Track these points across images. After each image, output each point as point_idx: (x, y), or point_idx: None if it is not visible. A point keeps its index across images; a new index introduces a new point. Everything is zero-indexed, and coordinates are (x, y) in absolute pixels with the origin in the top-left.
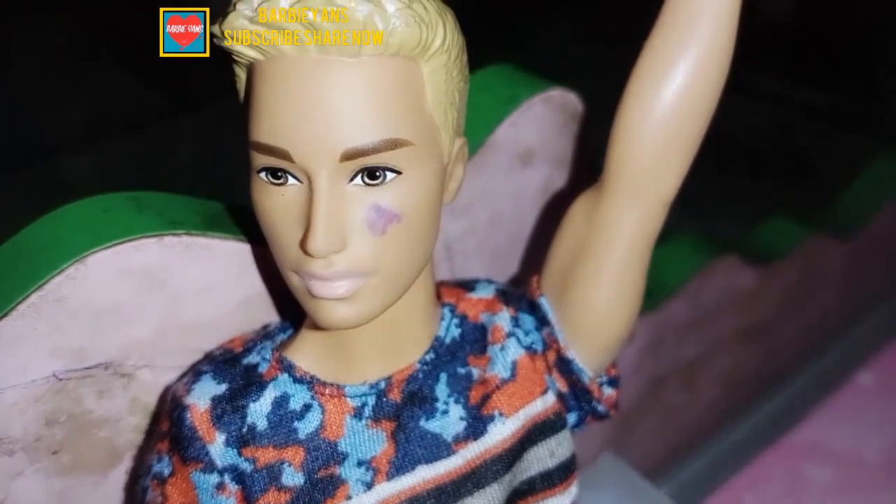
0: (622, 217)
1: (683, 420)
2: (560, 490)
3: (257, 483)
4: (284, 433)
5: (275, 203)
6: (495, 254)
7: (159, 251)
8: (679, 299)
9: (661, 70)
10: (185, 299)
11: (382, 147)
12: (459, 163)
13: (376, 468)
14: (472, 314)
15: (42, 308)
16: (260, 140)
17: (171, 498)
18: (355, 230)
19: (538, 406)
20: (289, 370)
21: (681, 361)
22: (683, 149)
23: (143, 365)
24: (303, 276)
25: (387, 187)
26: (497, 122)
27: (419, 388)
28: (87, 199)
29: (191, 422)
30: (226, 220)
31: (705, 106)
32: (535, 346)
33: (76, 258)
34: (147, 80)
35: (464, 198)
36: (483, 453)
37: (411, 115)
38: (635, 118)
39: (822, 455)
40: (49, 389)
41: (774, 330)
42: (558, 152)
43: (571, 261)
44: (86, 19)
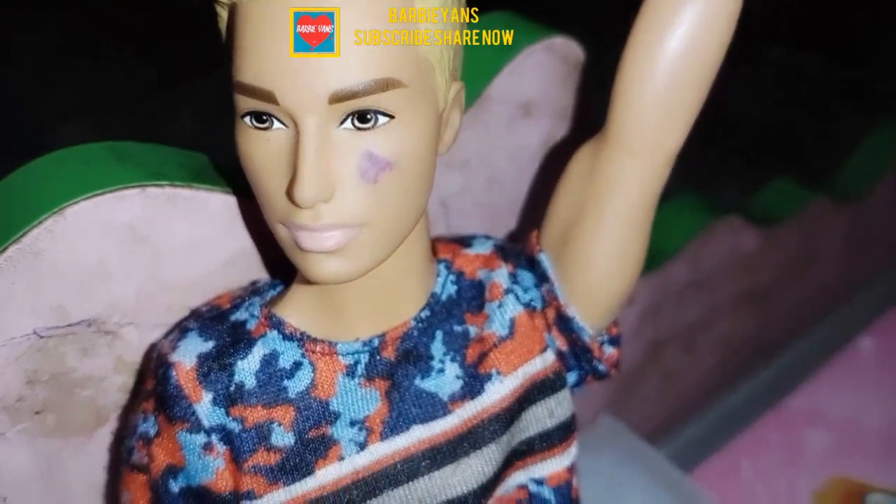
0: (624, 171)
1: (683, 384)
2: (559, 451)
3: (246, 443)
4: (274, 392)
5: (260, 149)
6: (493, 211)
7: (142, 203)
8: (680, 261)
9: (666, 20)
10: (170, 255)
11: (374, 88)
12: (456, 109)
13: (370, 428)
14: (469, 270)
15: (19, 262)
16: (243, 81)
17: (157, 458)
18: (345, 179)
19: (537, 364)
20: (278, 327)
21: (681, 325)
22: (687, 103)
23: (128, 322)
24: (290, 228)
25: (378, 132)
26: (495, 71)
27: (414, 346)
28: (66, 150)
29: (176, 380)
30: (211, 172)
31: (710, 59)
32: (535, 304)
33: (54, 210)
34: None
35: (461, 152)
36: (480, 413)
37: (405, 54)
38: (638, 70)
39: (821, 420)
40: (30, 347)
41: (775, 294)
42: (560, 104)
43: (572, 216)
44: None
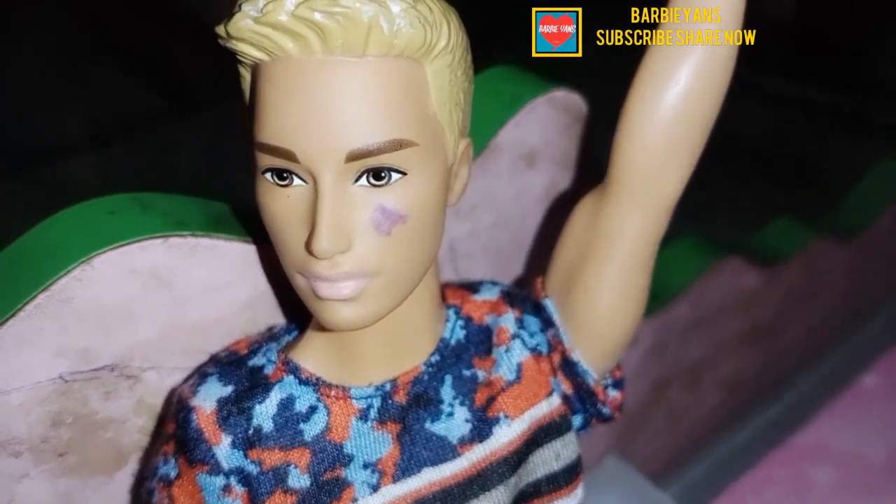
0: (625, 221)
1: (688, 422)
2: (566, 493)
3: (263, 485)
4: (290, 435)
5: (280, 204)
6: (499, 255)
7: (165, 252)
8: (683, 301)
9: (665, 73)
10: (191, 300)
11: (387, 147)
12: (464, 163)
13: (382, 470)
14: (477, 316)
15: (48, 309)
16: (265, 141)
17: (178, 500)
18: (360, 231)
19: (543, 408)
20: (294, 372)
21: (685, 364)
22: (686, 153)
23: (149, 367)
24: (308, 278)
25: (392, 188)
26: (501, 123)
27: (424, 390)
28: (92, 201)
29: (197, 423)
30: (231, 220)
31: (709, 110)
32: (541, 348)
33: (82, 259)
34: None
35: (468, 199)
36: (489, 455)
37: (416, 115)
38: (638, 122)
39: (827, 457)
40: (55, 391)
41: (778, 332)
42: (562, 153)
43: (575, 263)
44: (86, 23)
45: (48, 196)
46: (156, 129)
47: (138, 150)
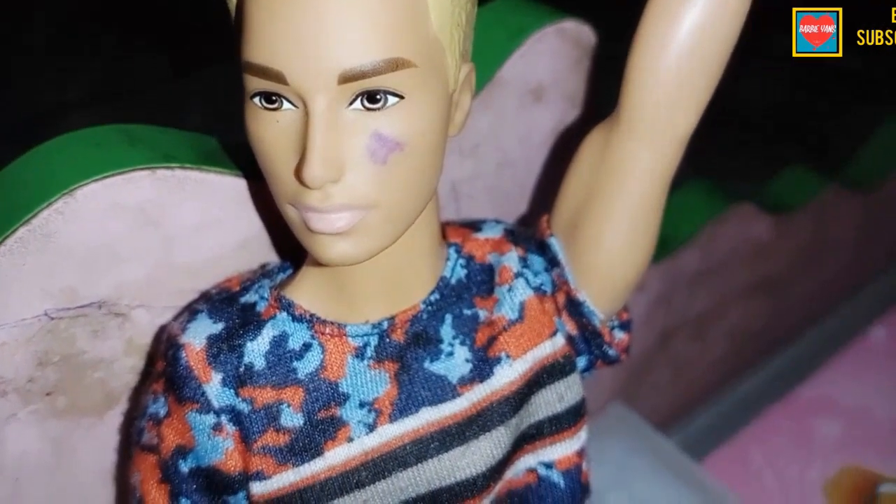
0: (636, 154)
1: (693, 373)
2: (569, 434)
3: (255, 424)
4: (283, 373)
5: (269, 130)
6: (504, 195)
7: (152, 185)
8: (691, 249)
9: (677, 5)
10: (181, 237)
11: (383, 68)
12: (466, 91)
13: (379, 410)
14: (479, 254)
15: (29, 243)
16: (252, 61)
17: (167, 439)
18: (354, 159)
19: (547, 348)
20: (288, 308)
21: (692, 313)
22: (700, 85)
23: (138, 305)
24: (300, 210)
25: (388, 112)
26: (506, 55)
27: (423, 329)
28: (77, 132)
29: (186, 361)
30: (222, 155)
31: (721, 45)
32: (545, 288)
33: (65, 191)
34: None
35: (471, 137)
36: (489, 395)
37: (414, 34)
38: (649, 55)
39: (833, 410)
40: (40, 329)
41: (787, 284)
42: (571, 89)
43: (583, 199)
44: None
45: None
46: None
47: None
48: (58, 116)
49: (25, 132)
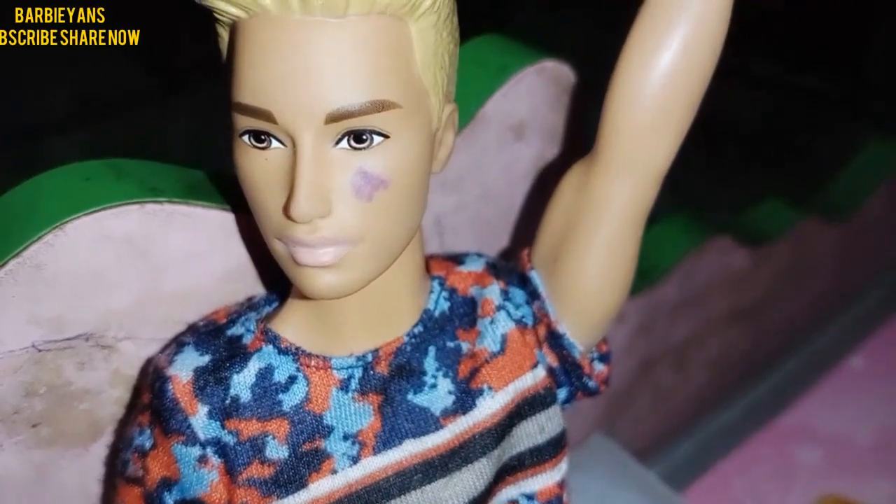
0: (613, 190)
1: (674, 402)
2: (550, 466)
3: (240, 456)
4: (268, 405)
5: (258, 167)
6: (486, 229)
7: (140, 218)
8: (671, 280)
9: (653, 41)
10: (168, 269)
11: (369, 109)
12: (449, 130)
13: (363, 442)
14: (462, 287)
15: (19, 275)
16: (242, 101)
17: (152, 471)
18: (341, 195)
19: (528, 380)
20: (273, 341)
21: (672, 343)
22: (675, 122)
23: (125, 336)
24: (287, 243)
25: (374, 151)
26: (488, 93)
27: (407, 361)
28: (66, 167)
29: (172, 393)
30: (208, 188)
31: (697, 80)
32: (526, 320)
33: (55, 224)
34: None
35: (454, 171)
36: (472, 427)
37: (399, 76)
38: (627, 89)
39: (813, 438)
40: (28, 360)
41: (766, 312)
42: (551, 126)
43: (562, 234)
44: None
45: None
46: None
47: (125, 128)
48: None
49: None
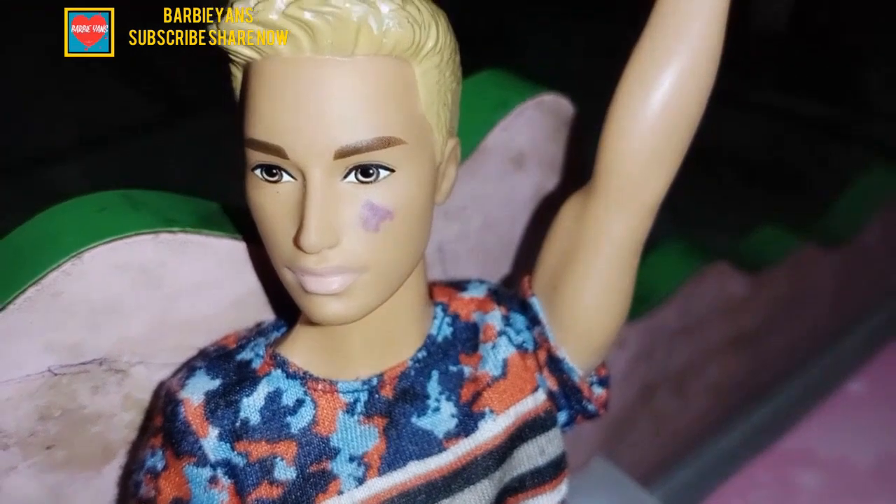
0: (610, 221)
1: (674, 427)
2: (550, 488)
3: (250, 477)
4: (277, 428)
5: (269, 200)
6: (488, 257)
7: (154, 248)
8: (670, 306)
9: (650, 75)
10: (180, 296)
11: (375, 145)
12: (452, 163)
13: (368, 463)
14: (464, 313)
15: (37, 303)
16: (255, 137)
17: (164, 492)
18: (349, 227)
19: (529, 404)
20: (282, 366)
21: (672, 368)
22: (670, 154)
23: (138, 361)
24: (296, 272)
25: (380, 185)
26: (490, 126)
27: (411, 386)
28: (82, 198)
29: (184, 416)
30: (221, 218)
31: (692, 112)
32: (526, 345)
33: (73, 254)
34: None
35: (457, 201)
36: (474, 450)
37: (404, 114)
38: (623, 122)
39: (813, 462)
40: (43, 384)
41: (765, 338)
42: (550, 157)
43: (561, 262)
44: None
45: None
46: (147, 136)
47: (129, 156)
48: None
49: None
